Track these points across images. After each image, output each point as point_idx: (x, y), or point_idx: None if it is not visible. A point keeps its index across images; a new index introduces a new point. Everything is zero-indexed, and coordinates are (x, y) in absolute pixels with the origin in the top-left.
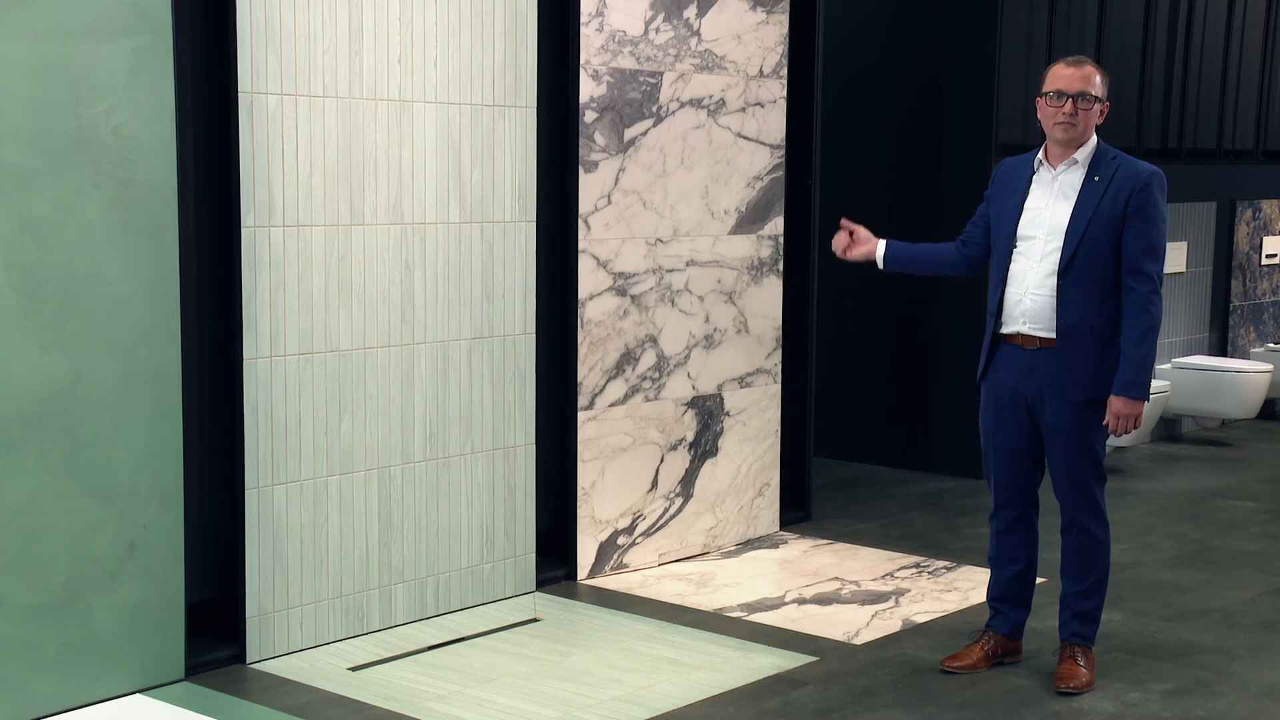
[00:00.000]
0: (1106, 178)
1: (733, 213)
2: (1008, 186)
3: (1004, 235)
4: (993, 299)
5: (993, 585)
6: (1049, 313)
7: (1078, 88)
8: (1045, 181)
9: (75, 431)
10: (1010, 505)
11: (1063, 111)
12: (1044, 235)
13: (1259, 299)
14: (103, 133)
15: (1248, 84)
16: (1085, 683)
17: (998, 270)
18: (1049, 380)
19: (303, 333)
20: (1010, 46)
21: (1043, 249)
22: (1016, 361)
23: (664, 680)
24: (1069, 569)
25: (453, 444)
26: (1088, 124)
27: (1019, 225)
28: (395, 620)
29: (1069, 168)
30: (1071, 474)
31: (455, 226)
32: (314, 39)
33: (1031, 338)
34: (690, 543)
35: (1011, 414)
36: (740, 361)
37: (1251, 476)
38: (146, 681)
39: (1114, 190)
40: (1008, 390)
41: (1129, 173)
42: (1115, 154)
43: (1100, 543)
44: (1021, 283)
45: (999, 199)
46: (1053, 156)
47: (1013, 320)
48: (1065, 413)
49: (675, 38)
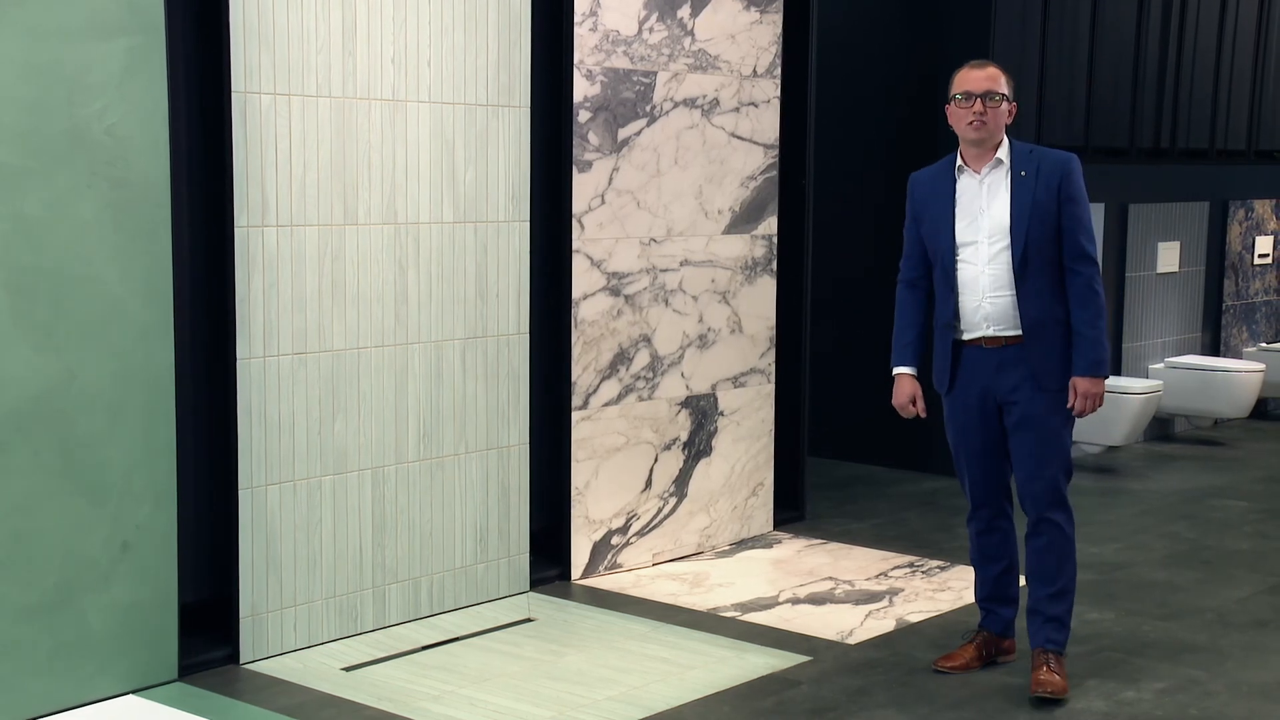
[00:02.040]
0: (1032, 171)
1: (726, 212)
2: (931, 198)
3: (943, 246)
4: (945, 310)
5: (980, 586)
6: (1011, 312)
7: (984, 87)
8: (971, 186)
9: (68, 431)
10: (986, 504)
11: (972, 111)
12: (985, 238)
13: (1251, 299)
14: (96, 132)
15: (1240, 84)
16: (1062, 689)
17: (944, 281)
18: (1019, 373)
19: (296, 332)
20: (1004, 46)
21: (988, 252)
22: (983, 363)
23: (658, 680)
24: (1038, 572)
25: (446, 444)
26: (998, 122)
27: (956, 233)
28: (389, 620)
29: (994, 168)
30: (1041, 465)
31: (449, 226)
32: (307, 39)
33: (996, 338)
34: (684, 542)
35: (980, 414)
36: (734, 361)
37: (1244, 476)
38: (140, 682)
39: (1044, 180)
40: (975, 392)
41: (1052, 162)
42: (1030, 147)
43: (1068, 539)
44: (975, 288)
45: (927, 213)
46: (972, 159)
47: (974, 326)
48: (1037, 403)
49: (669, 37)
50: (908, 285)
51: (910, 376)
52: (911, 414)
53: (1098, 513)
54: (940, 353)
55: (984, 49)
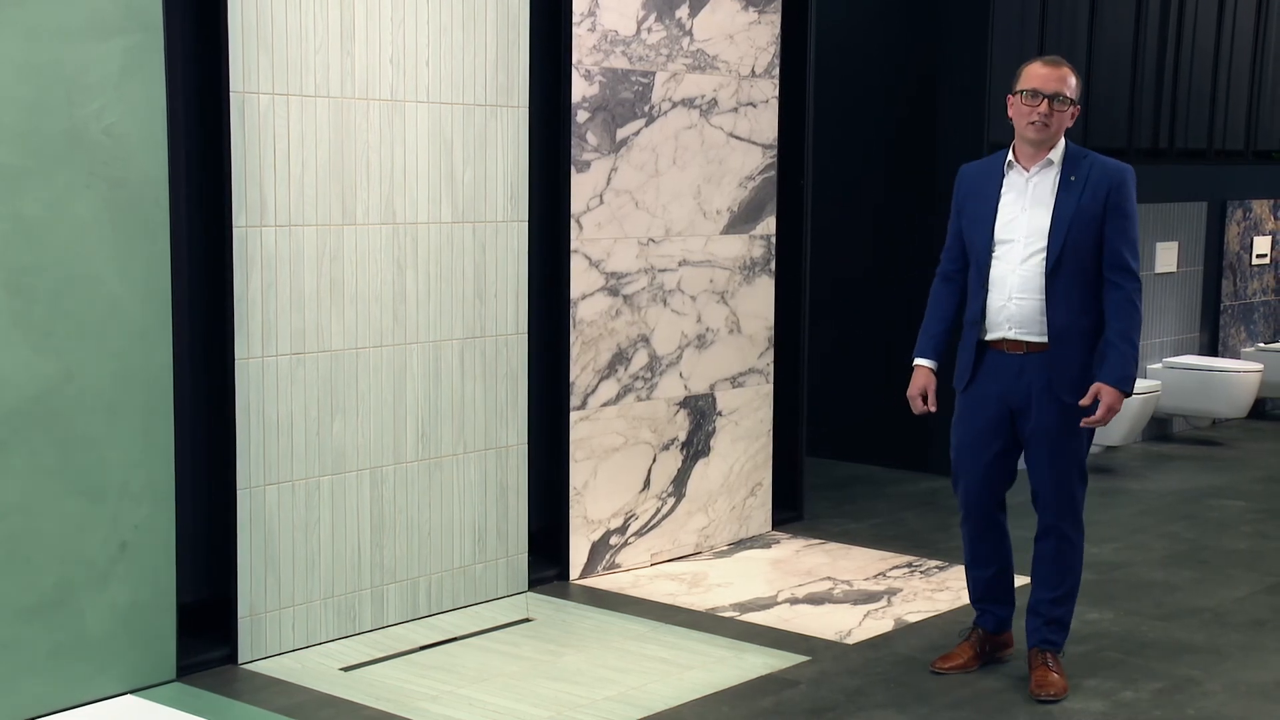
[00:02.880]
0: (1083, 177)
1: (725, 212)
2: (977, 192)
3: (980, 241)
4: (973, 306)
5: (973, 588)
6: (1037, 316)
7: (1054, 88)
8: (1018, 184)
9: (67, 431)
10: (981, 511)
11: (1037, 111)
12: (1023, 238)
13: (1249, 299)
14: (94, 132)
15: (1238, 84)
16: (1062, 689)
17: (977, 277)
18: (1039, 384)
19: (295, 332)
20: (1002, 46)
21: (1023, 252)
22: (1004, 368)
23: (656, 680)
24: (1043, 576)
25: (445, 444)
26: (1060, 125)
27: (995, 229)
28: (387, 620)
29: (1043, 169)
30: (1056, 478)
31: (447, 226)
32: (305, 38)
33: (1018, 343)
34: (682, 542)
35: (994, 421)
36: (732, 361)
37: (1242, 476)
38: (138, 682)
39: (1092, 188)
40: (993, 397)
41: (1104, 170)
42: (1086, 153)
43: (1077, 548)
44: (1004, 288)
45: (970, 206)
46: (1024, 157)
47: (997, 326)
48: (1054, 415)
49: (667, 37)
50: (943, 278)
51: (927, 369)
52: (921, 409)
53: (1096, 512)
54: (964, 350)
55: (982, 49)
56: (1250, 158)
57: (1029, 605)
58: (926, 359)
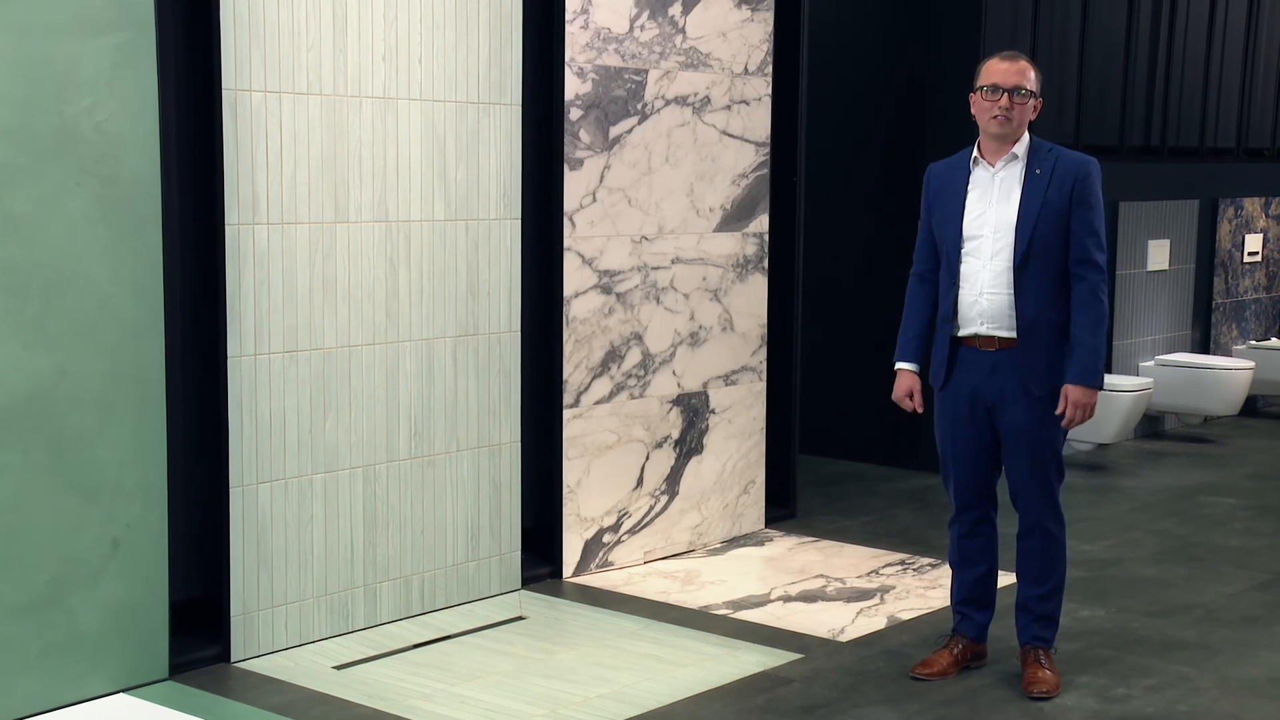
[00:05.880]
0: (1048, 170)
1: (718, 210)
2: (944, 190)
3: (950, 238)
4: (946, 303)
5: (956, 589)
6: (1006, 311)
7: (1014, 81)
8: (984, 179)
9: (59, 429)
10: (971, 508)
11: (998, 105)
12: (991, 233)
13: (1241, 296)
14: (85, 129)
15: (1230, 82)
16: (1055, 685)
17: (948, 274)
18: (1011, 379)
19: (287, 330)
20: (994, 45)
21: (992, 247)
22: (976, 364)
23: (649, 678)
24: (1029, 573)
25: (438, 441)
26: (1023, 118)
27: (964, 226)
28: (380, 618)
29: (1008, 163)
30: (1035, 474)
31: (440, 224)
32: (298, 35)
33: (990, 338)
34: (676, 540)
35: (970, 416)
36: (725, 359)
37: (1234, 473)
38: (130, 680)
39: (1058, 181)
40: (966, 393)
41: (1069, 163)
42: (1050, 146)
43: (1060, 543)
44: (975, 283)
45: (939, 204)
46: (989, 153)
47: (969, 322)
48: (1027, 410)
49: (660, 35)
50: (918, 278)
51: (910, 372)
52: (910, 408)
53: (1088, 509)
54: (939, 347)
55: (975, 48)
56: (1242, 156)
57: (1017, 603)
58: (908, 362)
